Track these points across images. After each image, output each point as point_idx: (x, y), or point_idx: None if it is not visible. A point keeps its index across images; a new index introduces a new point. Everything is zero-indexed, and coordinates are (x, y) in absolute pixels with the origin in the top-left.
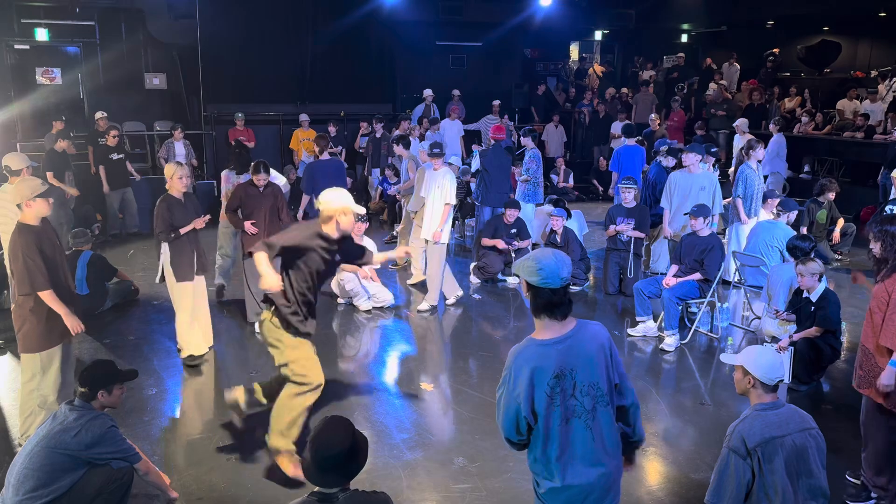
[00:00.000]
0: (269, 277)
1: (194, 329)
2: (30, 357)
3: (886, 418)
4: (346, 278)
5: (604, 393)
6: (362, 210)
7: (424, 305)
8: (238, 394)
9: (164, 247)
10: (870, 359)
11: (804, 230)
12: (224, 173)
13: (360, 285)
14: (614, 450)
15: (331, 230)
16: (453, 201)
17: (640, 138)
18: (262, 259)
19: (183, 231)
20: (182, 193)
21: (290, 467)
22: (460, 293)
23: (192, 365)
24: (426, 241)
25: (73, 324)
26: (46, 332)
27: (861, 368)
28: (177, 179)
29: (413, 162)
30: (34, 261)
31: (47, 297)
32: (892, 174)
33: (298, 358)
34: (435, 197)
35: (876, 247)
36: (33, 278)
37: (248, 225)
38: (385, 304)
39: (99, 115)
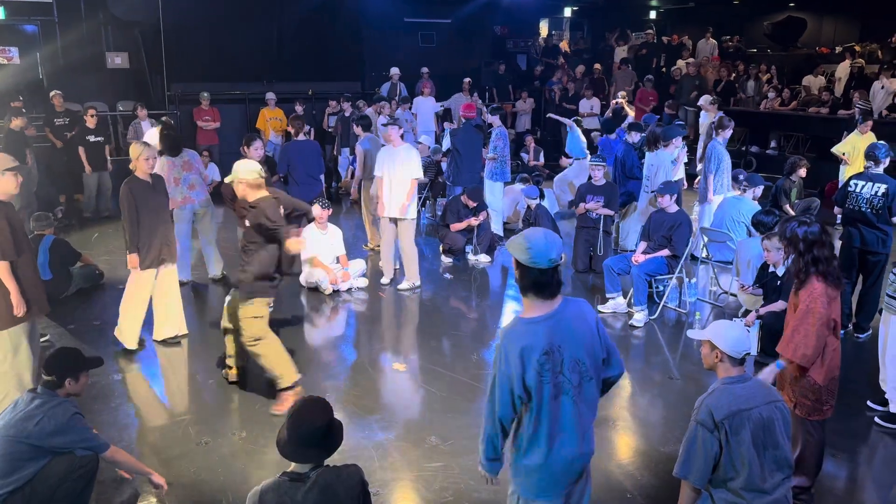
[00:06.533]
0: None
1: (161, 314)
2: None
3: (800, 422)
4: (319, 278)
5: (587, 368)
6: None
7: (405, 285)
8: None
9: None
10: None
11: (788, 208)
12: (163, 162)
13: (326, 280)
14: (591, 435)
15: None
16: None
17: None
18: None
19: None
20: (150, 175)
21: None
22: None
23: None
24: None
25: (17, 302)
26: (11, 307)
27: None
28: (143, 160)
29: (359, 145)
30: (1, 230)
31: (2, 268)
32: (832, 149)
33: None
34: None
35: (789, 259)
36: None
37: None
38: (352, 286)
39: (53, 93)
